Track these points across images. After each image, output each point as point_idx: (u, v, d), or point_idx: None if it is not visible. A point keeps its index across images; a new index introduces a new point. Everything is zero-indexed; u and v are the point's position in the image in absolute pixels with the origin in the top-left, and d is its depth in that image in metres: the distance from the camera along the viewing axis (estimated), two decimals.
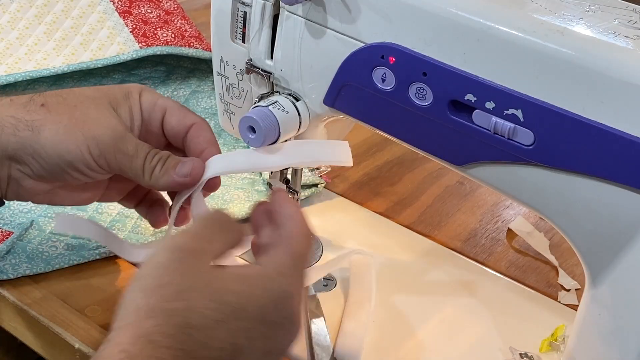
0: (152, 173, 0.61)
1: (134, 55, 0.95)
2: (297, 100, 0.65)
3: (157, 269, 0.48)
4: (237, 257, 0.75)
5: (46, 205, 0.77)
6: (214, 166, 0.62)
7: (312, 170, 0.86)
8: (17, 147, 0.59)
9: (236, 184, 0.84)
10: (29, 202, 0.77)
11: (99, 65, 0.93)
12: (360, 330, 0.67)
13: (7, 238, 0.71)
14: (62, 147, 0.59)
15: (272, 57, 0.65)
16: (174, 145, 0.65)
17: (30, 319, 0.66)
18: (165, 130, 0.65)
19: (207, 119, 0.93)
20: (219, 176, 0.64)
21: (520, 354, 0.67)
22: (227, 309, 0.47)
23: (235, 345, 0.47)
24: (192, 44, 0.98)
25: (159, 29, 0.98)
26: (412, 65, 0.56)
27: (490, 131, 0.54)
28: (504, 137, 0.53)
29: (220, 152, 0.64)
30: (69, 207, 0.76)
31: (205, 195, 0.64)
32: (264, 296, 0.49)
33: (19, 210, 0.76)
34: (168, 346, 0.44)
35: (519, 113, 0.52)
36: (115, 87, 0.64)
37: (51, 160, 0.59)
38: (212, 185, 0.64)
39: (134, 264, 0.70)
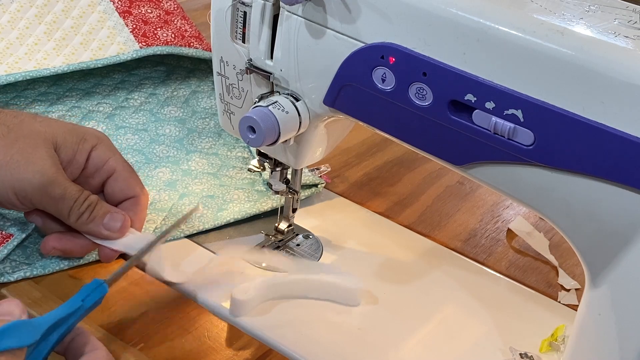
0: (79, 218, 0.63)
1: (134, 55, 0.95)
2: (297, 100, 0.65)
3: None
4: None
5: None
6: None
7: (312, 170, 0.87)
8: None
9: (236, 184, 0.84)
10: None
11: (99, 65, 0.93)
12: None
13: (7, 240, 0.71)
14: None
15: (272, 57, 0.65)
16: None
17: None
18: (104, 189, 0.67)
19: (207, 119, 0.94)
20: None
21: (520, 354, 0.67)
22: None
23: None
24: (192, 44, 0.98)
25: (159, 29, 0.98)
26: (412, 65, 0.56)
27: (490, 131, 0.54)
28: (504, 137, 0.53)
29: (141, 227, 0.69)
30: None
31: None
32: None
33: (18, 211, 0.76)
34: None
35: (519, 113, 0.52)
36: (72, 128, 0.65)
37: None
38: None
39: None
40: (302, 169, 0.74)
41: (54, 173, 0.62)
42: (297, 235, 0.79)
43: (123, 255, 0.69)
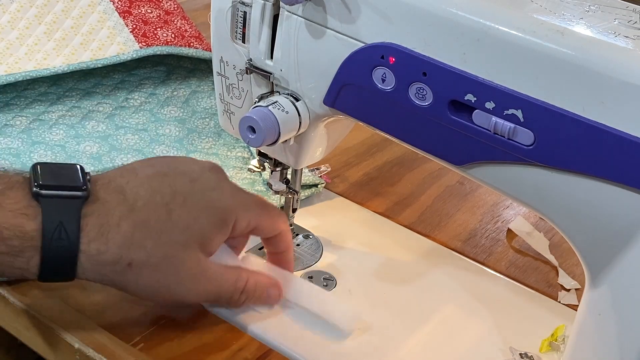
0: (240, 304, 0.66)
1: (134, 55, 0.95)
2: (297, 100, 0.65)
3: None
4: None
5: None
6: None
7: (312, 170, 0.86)
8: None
9: (236, 184, 0.84)
10: None
11: (99, 65, 0.93)
12: None
13: None
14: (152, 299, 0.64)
15: (272, 57, 0.65)
16: None
17: (30, 319, 0.66)
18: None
19: (207, 119, 0.94)
20: None
21: (520, 354, 0.67)
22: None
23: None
24: (192, 44, 0.98)
25: (159, 29, 0.98)
26: (412, 65, 0.56)
27: (490, 131, 0.54)
28: (504, 137, 0.53)
29: (292, 252, 0.71)
30: None
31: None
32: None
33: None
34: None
35: (519, 113, 0.52)
36: (207, 217, 0.62)
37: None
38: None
39: None
40: (302, 169, 0.74)
41: (203, 294, 0.63)
42: (297, 235, 0.79)
43: None
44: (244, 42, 0.66)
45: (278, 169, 0.73)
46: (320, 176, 0.86)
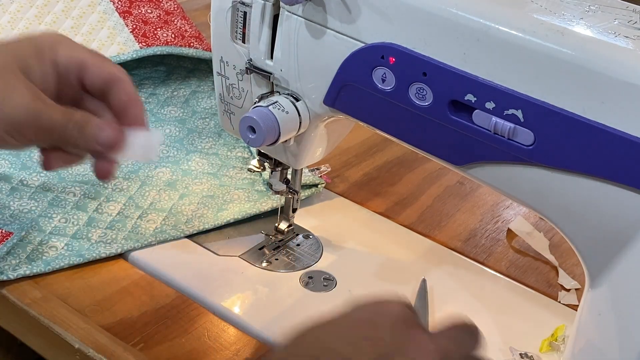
0: (73, 142, 0.59)
1: (134, 55, 0.95)
2: (297, 100, 0.65)
3: None
4: (238, 257, 0.75)
5: (46, 205, 0.77)
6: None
7: (312, 170, 0.87)
8: None
9: (236, 184, 0.84)
10: (29, 202, 0.77)
11: None
12: None
13: (7, 239, 0.71)
14: None
15: (272, 57, 0.65)
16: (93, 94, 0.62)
17: (30, 319, 0.66)
18: (84, 84, 0.61)
19: (207, 119, 0.94)
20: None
21: (520, 354, 0.67)
22: None
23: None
24: (192, 44, 0.98)
25: (159, 29, 0.98)
26: (412, 65, 0.56)
27: (490, 131, 0.54)
28: (504, 137, 0.53)
29: (142, 107, 0.61)
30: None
31: None
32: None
33: (19, 210, 0.76)
34: None
35: (519, 113, 0.52)
36: (25, 43, 0.60)
37: None
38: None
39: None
40: (302, 169, 0.74)
41: (36, 105, 0.58)
42: (297, 235, 0.79)
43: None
44: (244, 42, 0.66)
45: (278, 169, 0.73)
46: (320, 176, 0.86)
